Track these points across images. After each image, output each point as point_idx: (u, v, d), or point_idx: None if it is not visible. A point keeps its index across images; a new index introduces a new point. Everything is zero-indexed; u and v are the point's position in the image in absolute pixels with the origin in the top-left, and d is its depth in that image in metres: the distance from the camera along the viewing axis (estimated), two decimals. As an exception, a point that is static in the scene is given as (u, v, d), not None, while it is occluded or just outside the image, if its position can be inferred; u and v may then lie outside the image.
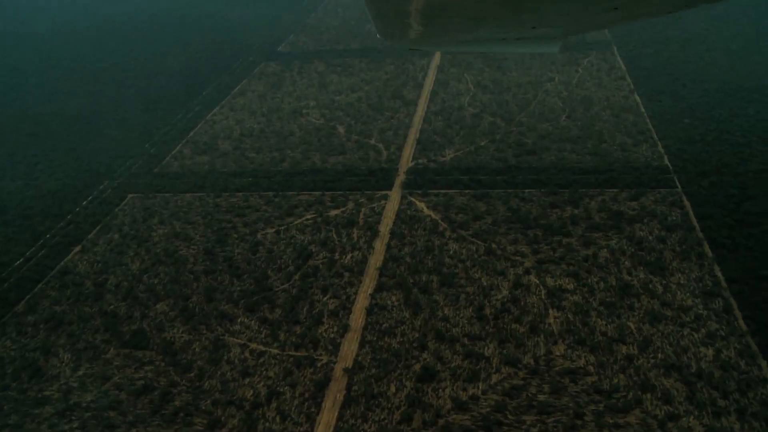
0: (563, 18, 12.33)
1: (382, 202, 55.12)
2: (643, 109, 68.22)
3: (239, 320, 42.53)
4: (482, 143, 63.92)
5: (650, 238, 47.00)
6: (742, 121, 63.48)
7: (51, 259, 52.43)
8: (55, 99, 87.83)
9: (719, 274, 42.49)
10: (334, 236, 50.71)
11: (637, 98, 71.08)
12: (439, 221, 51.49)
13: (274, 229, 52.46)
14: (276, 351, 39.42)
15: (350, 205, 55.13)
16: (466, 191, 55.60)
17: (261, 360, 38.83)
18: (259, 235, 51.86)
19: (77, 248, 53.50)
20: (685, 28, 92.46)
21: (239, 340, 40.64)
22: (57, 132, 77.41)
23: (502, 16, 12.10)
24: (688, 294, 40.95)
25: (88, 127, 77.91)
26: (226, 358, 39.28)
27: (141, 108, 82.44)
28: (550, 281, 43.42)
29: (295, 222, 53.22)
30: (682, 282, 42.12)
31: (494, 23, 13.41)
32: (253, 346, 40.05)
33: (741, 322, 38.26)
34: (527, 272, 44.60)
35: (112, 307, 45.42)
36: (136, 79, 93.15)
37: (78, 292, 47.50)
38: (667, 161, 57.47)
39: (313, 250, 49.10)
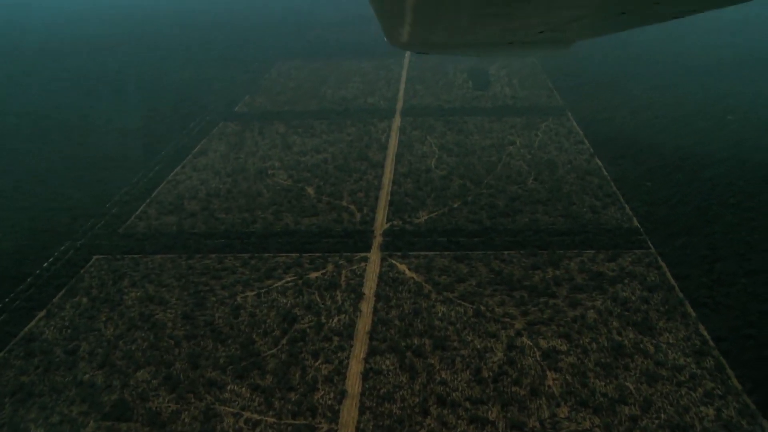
0: (570, 22, 12.48)
1: (363, 264, 54.54)
2: (606, 173, 70.46)
3: (229, 387, 40.71)
4: (455, 205, 64.50)
5: (633, 298, 47.84)
6: (699, 185, 66.16)
7: (13, 326, 49.35)
8: (3, 156, 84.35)
9: (705, 333, 43.42)
10: (318, 299, 49.67)
11: (599, 162, 73.46)
12: (423, 283, 51.20)
13: (254, 292, 51.04)
14: (272, 420, 37.77)
15: (330, 267, 54.32)
16: (446, 253, 55.65)
17: (258, 430, 37.09)
18: (239, 298, 50.33)
19: (42, 313, 50.64)
20: (632, 96, 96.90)
21: (232, 409, 38.80)
22: (7, 191, 74.06)
23: (507, 19, 12.14)
24: (679, 353, 41.60)
25: (43, 186, 74.96)
26: (219, 428, 37.35)
27: (98, 167, 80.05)
28: (543, 343, 43.44)
29: (276, 284, 51.97)
30: (671, 341, 42.80)
31: (499, 27, 13.48)
32: (247, 414, 38.28)
33: (735, 380, 38.97)
34: (519, 334, 44.54)
35: (87, 376, 42.83)
36: (88, 137, 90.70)
37: (47, 361, 44.70)
38: (636, 223, 59.18)
39: (298, 314, 47.88)
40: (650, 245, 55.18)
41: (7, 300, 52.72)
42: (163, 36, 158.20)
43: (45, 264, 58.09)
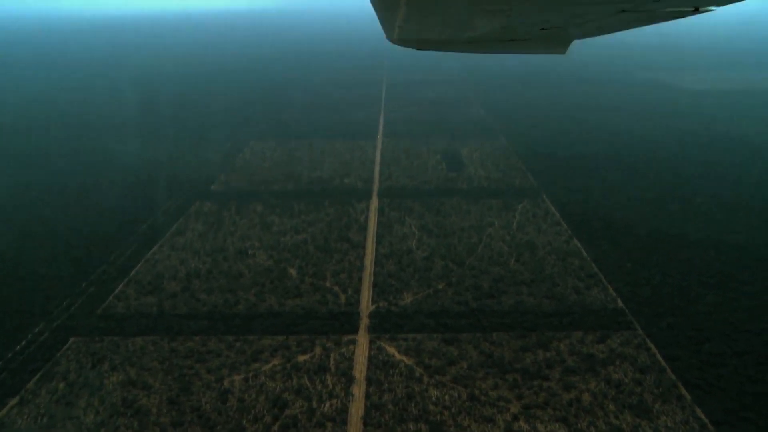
0: (571, 21, 12.61)
1: (351, 347, 53.60)
2: (585, 254, 71.37)
3: (220, 479, 38.90)
4: (439, 287, 64.37)
5: (627, 380, 47.68)
6: (678, 266, 67.53)
7: (-16, 414, 46.87)
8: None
9: (703, 416, 43.27)
10: (308, 383, 48.40)
11: (578, 243, 74.50)
12: (414, 366, 50.39)
13: (241, 376, 49.54)
14: None
15: (318, 349, 53.23)
16: (435, 335, 55.12)
17: None
18: (226, 383, 48.75)
19: (14, 401, 48.20)
20: (603, 179, 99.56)
21: (225, 503, 36.93)
22: (-22, 271, 71.83)
23: (507, 16, 12.21)
24: (679, 437, 41.27)
25: (13, 264, 72.87)
26: None
27: (71, 244, 78.36)
28: (541, 427, 42.75)
29: (263, 368, 50.59)
30: (669, 425, 42.49)
31: (499, 24, 13.54)
32: None
33: (737, 465, 38.67)
34: (515, 418, 43.81)
35: (67, 468, 40.59)
36: (60, 214, 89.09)
37: (23, 452, 42.32)
38: (621, 304, 59.65)
39: (289, 399, 46.48)
40: (637, 326, 55.46)
41: (-23, 386, 50.20)
42: (134, 114, 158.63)
43: (17, 347, 55.79)
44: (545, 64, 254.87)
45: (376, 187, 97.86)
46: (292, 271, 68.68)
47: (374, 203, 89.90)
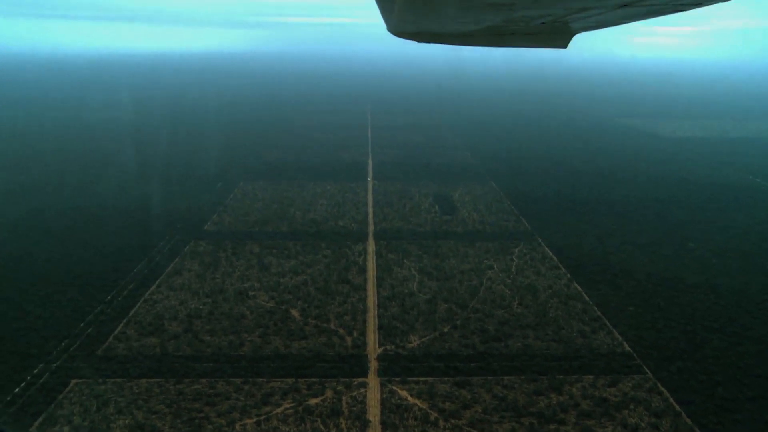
0: (572, 14, 12.68)
1: (362, 390, 52.96)
2: (587, 298, 71.76)
3: None
4: (445, 329, 64.13)
5: (643, 425, 47.59)
6: (680, 310, 68.18)
7: (-14, 460, 45.27)
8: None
9: (723, 461, 43.24)
10: (322, 427, 47.57)
11: (578, 287, 74.91)
12: (429, 410, 49.86)
13: (253, 420, 48.57)
14: None
15: (329, 393, 52.50)
16: (446, 378, 54.73)
17: None
18: (237, 427, 47.74)
19: (17, 445, 46.72)
20: (596, 224, 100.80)
21: None
22: (-30, 311, 70.03)
23: (509, 9, 12.24)
24: (702, 483, 41.10)
25: (8, 305, 71.15)
26: None
27: (66, 284, 76.87)
28: (563, 473, 42.33)
29: (275, 411, 49.68)
30: (691, 470, 42.36)
31: (501, 17, 13.56)
32: None
33: None
34: (536, 463, 43.37)
35: None
36: (52, 253, 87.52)
37: (31, 500, 40.80)
38: (628, 348, 59.86)
39: (304, 444, 45.60)
40: (647, 370, 55.59)
41: (-25, 430, 48.57)
42: (121, 154, 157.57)
43: (17, 389, 54.23)
44: (526, 108, 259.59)
45: (371, 229, 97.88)
46: (295, 313, 68.00)
47: (371, 245, 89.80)
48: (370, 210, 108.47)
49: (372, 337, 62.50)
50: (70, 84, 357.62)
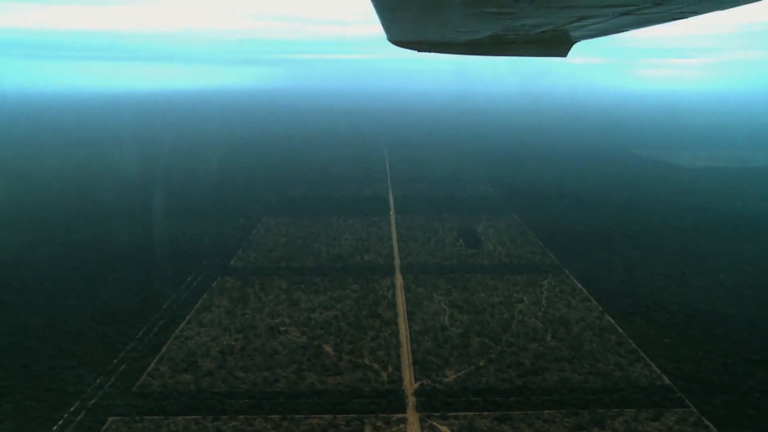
0: (572, 23, 12.53)
1: (402, 425, 52.48)
2: (621, 330, 71.03)
3: None
4: (480, 363, 63.60)
5: (691, 460, 46.71)
6: (717, 342, 67.37)
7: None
8: (5, 312, 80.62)
9: (778, 497, 42.26)
10: (365, 464, 47.00)
11: (610, 319, 74.23)
12: (471, 446, 49.18)
13: (295, 458, 48.08)
14: None
15: (368, 429, 52.06)
16: (485, 413, 54.16)
17: None
18: (279, 465, 47.26)
19: (58, 485, 46.40)
20: (622, 255, 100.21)
21: None
22: (3, 347, 70.15)
23: (509, 18, 12.06)
24: None
25: (42, 342, 71.31)
26: None
27: (96, 320, 77.15)
28: None
29: (316, 449, 49.18)
30: (746, 507, 41.40)
31: (501, 26, 13.38)
32: None
33: None
34: (586, 500, 42.54)
35: None
36: (83, 290, 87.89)
37: None
38: (668, 381, 59.07)
39: (348, 481, 45.00)
40: (690, 404, 54.71)
41: (15, 469, 48.31)
42: (143, 191, 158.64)
43: (54, 427, 54.11)
44: (539, 141, 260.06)
45: (397, 263, 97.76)
46: (329, 349, 67.69)
47: (399, 279, 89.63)
48: (395, 244, 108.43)
49: (408, 372, 62.03)
50: (92, 123, 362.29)
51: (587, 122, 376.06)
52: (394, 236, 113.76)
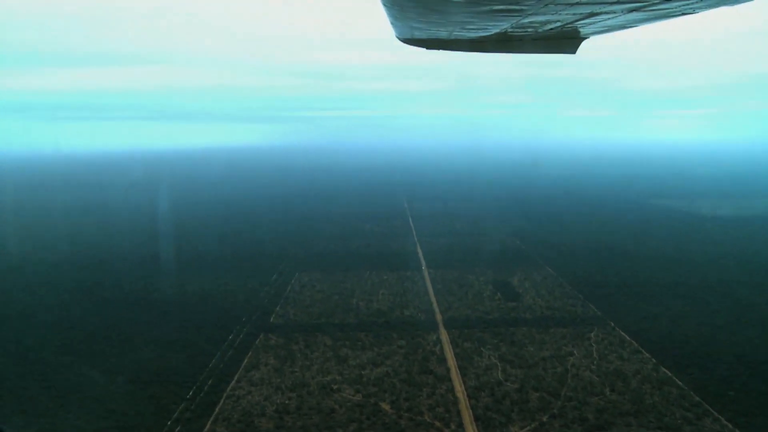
0: (581, 19, 12.37)
1: (476, 485, 51.14)
2: (680, 382, 69.86)
3: None
4: (544, 419, 62.49)
5: None
6: (783, 394, 66.04)
7: None
8: (40, 371, 79.62)
9: None
10: None
11: (667, 371, 73.13)
12: (552, 505, 47.88)
13: None
14: None
15: (442, 489, 50.73)
16: (560, 471, 52.82)
17: None
18: None
19: None
20: (665, 306, 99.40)
21: None
22: (53, 408, 69.24)
23: (519, 15, 11.90)
24: None
25: (92, 402, 70.44)
26: None
27: (144, 381, 76.37)
28: None
29: None
30: None
31: (510, 23, 13.20)
32: None
33: None
34: None
35: None
36: (122, 348, 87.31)
37: None
38: (742, 436, 57.76)
39: None
40: (770, 459, 53.37)
41: None
42: (170, 247, 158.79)
43: (118, 493, 52.94)
44: (555, 193, 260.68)
45: (439, 318, 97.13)
46: (386, 406, 66.71)
47: (444, 334, 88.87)
48: (433, 299, 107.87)
49: (471, 429, 60.94)
50: (115, 181, 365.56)
51: (599, 173, 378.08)
52: (431, 290, 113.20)
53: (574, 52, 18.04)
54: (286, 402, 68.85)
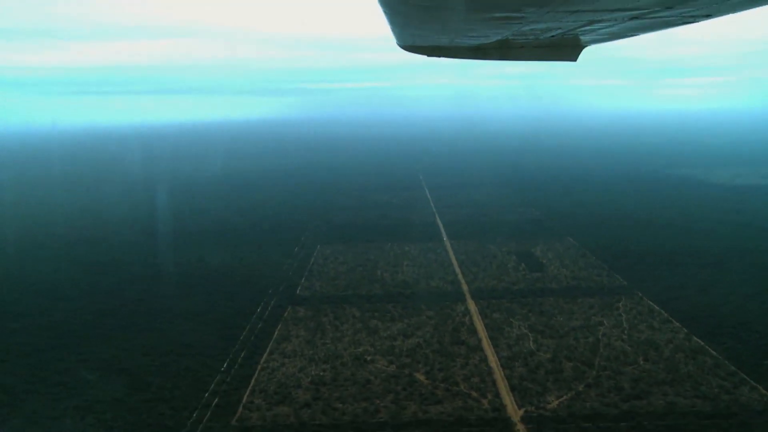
0: (582, 27, 12.24)
1: (519, 454, 51.56)
2: (714, 352, 69.86)
3: None
4: (580, 388, 62.72)
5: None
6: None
7: None
8: (76, 347, 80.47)
9: None
10: (493, 495, 46.19)
11: (699, 341, 73.11)
12: (596, 474, 48.24)
13: (420, 489, 47.37)
14: None
15: (485, 458, 51.19)
16: (601, 440, 53.16)
17: None
18: (406, 497, 46.56)
19: None
20: (691, 276, 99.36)
21: None
22: (93, 381, 70.07)
23: (519, 23, 11.79)
24: None
25: (127, 376, 71.14)
26: None
27: (177, 353, 77.01)
28: None
29: (439, 480, 48.44)
30: None
31: (511, 30, 13.12)
32: None
33: None
34: None
35: None
36: (154, 322, 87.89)
37: None
38: (779, 404, 57.81)
39: None
40: (811, 428, 53.47)
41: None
42: (190, 221, 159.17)
43: (164, 463, 53.69)
44: (571, 163, 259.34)
45: (465, 288, 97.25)
46: (421, 377, 67.09)
47: (472, 305, 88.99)
48: (458, 270, 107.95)
49: (508, 399, 61.26)
50: (127, 156, 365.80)
51: (612, 143, 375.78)
52: (455, 262, 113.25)
53: (575, 59, 17.86)
54: (321, 373, 69.31)
